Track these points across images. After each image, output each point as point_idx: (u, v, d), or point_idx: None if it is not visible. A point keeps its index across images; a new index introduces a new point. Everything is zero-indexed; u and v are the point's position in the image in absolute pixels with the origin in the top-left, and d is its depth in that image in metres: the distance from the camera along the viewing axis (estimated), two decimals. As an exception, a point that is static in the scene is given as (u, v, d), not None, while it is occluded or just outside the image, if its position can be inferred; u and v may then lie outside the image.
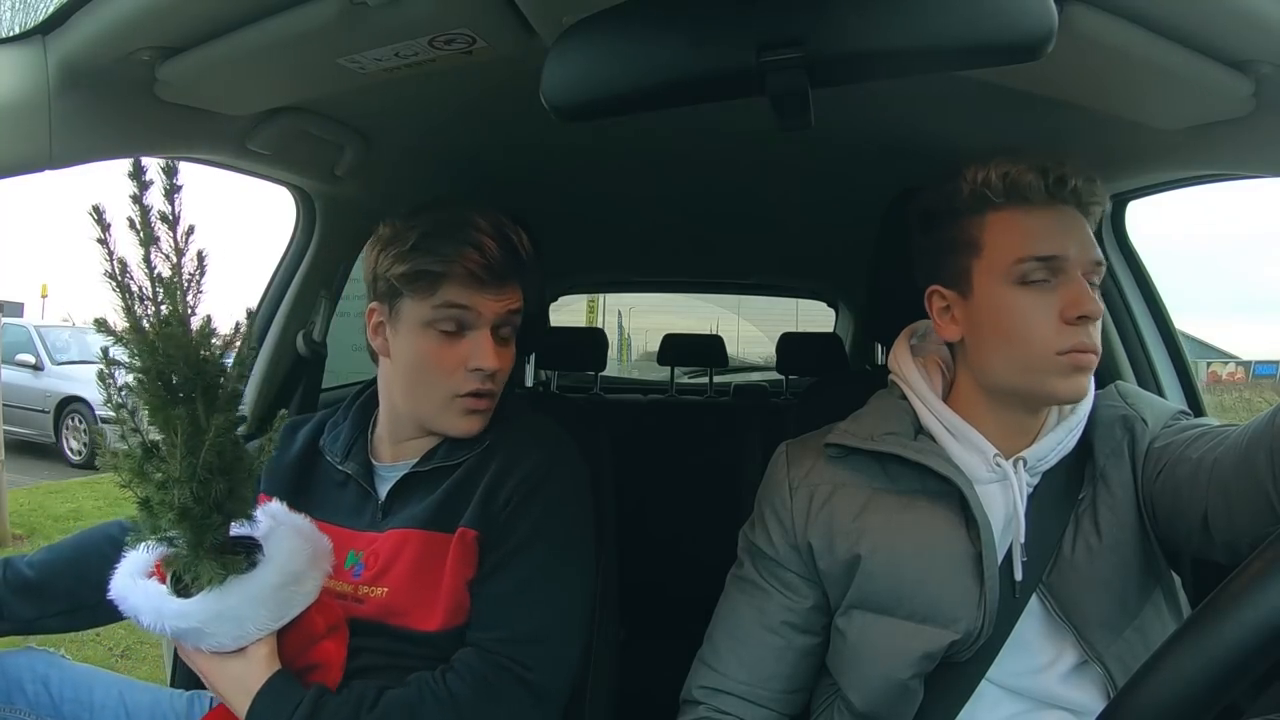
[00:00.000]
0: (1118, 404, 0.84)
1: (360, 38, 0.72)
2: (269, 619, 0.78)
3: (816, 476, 0.87)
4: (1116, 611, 0.77)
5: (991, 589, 0.77)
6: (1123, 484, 0.80)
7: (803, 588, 0.85)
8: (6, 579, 0.92)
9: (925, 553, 0.79)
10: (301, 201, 1.27)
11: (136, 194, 0.68)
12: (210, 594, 0.75)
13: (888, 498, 0.83)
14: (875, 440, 0.84)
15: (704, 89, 0.66)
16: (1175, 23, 0.66)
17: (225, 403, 0.72)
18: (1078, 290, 0.77)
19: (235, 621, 0.76)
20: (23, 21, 0.68)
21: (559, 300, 2.80)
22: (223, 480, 0.72)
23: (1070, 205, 0.79)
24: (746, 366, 3.89)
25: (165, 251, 0.69)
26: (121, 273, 0.69)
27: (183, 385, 0.70)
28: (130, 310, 0.69)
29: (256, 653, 0.78)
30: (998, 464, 0.81)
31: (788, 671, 0.85)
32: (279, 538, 0.81)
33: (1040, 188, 0.78)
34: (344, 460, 0.97)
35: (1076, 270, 0.77)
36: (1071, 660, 0.78)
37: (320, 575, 0.82)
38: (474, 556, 0.88)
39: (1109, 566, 0.78)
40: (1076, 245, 0.78)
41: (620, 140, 1.21)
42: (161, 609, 0.76)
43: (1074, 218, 0.79)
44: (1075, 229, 0.79)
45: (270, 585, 0.77)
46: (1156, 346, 1.25)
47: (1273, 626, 0.44)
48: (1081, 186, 0.78)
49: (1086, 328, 0.77)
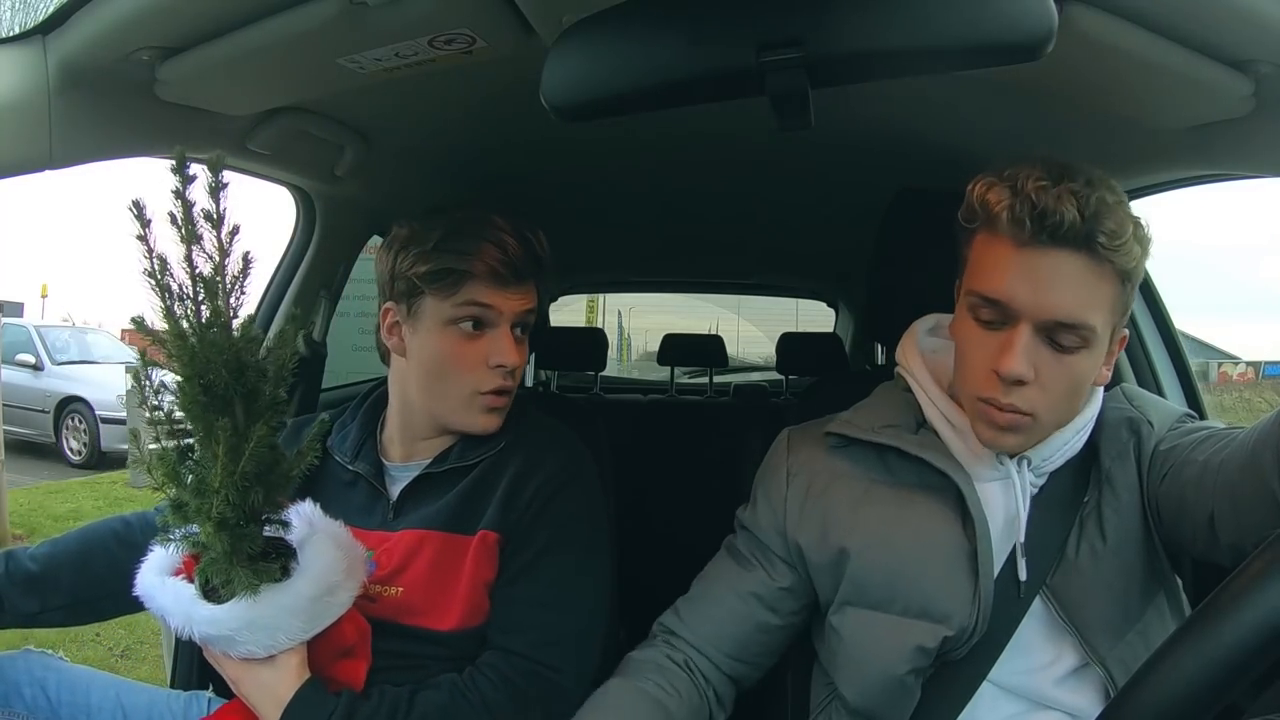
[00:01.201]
0: (1123, 406, 0.83)
1: (360, 38, 0.72)
2: (301, 629, 0.76)
3: (816, 465, 0.87)
4: (1119, 614, 0.76)
5: (986, 586, 0.76)
6: (1128, 486, 0.79)
7: (780, 568, 0.86)
8: (9, 572, 0.92)
9: (920, 547, 0.79)
10: (301, 201, 1.27)
11: (179, 189, 0.65)
12: (242, 602, 0.72)
13: (885, 490, 0.83)
14: (875, 432, 0.84)
15: (704, 89, 0.66)
16: (1175, 23, 0.66)
17: (267, 410, 0.70)
18: (1006, 345, 0.71)
19: (267, 631, 0.74)
20: (23, 21, 0.68)
21: (559, 300, 2.80)
22: (260, 488, 0.70)
23: (1063, 248, 0.69)
24: (746, 366, 3.89)
25: (208, 251, 0.66)
26: (161, 271, 0.66)
27: (224, 391, 0.67)
28: (170, 311, 0.67)
29: (287, 662, 0.77)
30: (1001, 462, 0.80)
31: (740, 638, 0.86)
32: (316, 547, 0.78)
33: (1020, 222, 0.69)
34: (354, 460, 0.97)
35: (1025, 323, 0.71)
36: (1072, 662, 0.78)
37: (355, 585, 0.80)
38: (495, 559, 0.89)
39: (1113, 569, 0.77)
40: (1035, 294, 0.70)
41: (620, 140, 1.21)
42: (191, 614, 0.74)
43: (1058, 262, 0.69)
44: (1051, 277, 0.70)
45: (305, 596, 0.75)
46: (1156, 347, 1.25)
47: (1273, 626, 0.44)
48: (1083, 227, 0.68)
49: (1010, 389, 0.72)
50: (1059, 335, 0.71)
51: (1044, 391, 0.73)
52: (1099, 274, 0.70)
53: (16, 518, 4.72)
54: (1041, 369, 0.72)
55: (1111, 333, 0.75)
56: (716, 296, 4.65)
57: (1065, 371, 0.73)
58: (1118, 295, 0.72)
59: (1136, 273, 0.73)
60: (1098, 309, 0.71)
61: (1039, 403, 0.73)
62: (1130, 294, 0.74)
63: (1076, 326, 0.71)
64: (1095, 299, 0.71)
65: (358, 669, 0.83)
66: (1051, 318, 0.71)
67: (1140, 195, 1.17)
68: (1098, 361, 0.75)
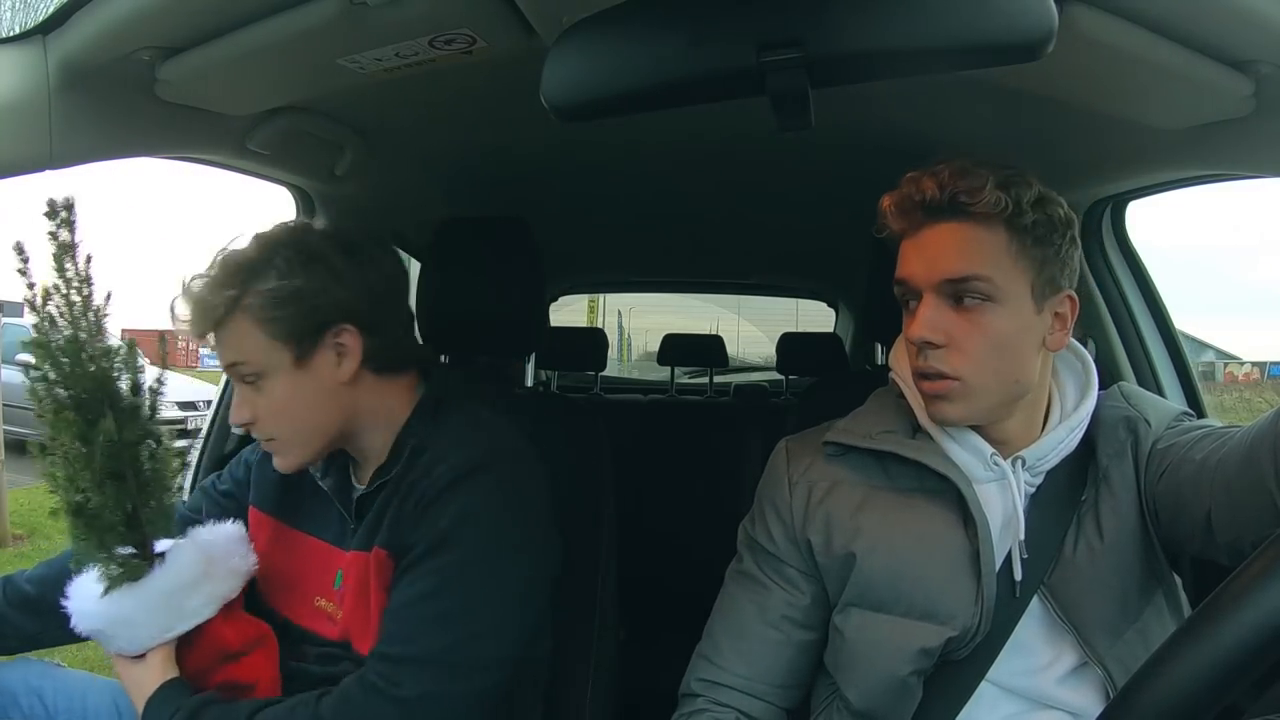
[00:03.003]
0: (1120, 405, 0.83)
1: (360, 38, 0.72)
2: (162, 627, 0.82)
3: (815, 473, 0.87)
4: (1118, 613, 0.76)
5: (989, 586, 0.77)
6: (1125, 485, 0.79)
7: (803, 583, 0.85)
8: (7, 596, 0.95)
9: (923, 549, 0.79)
10: (301, 201, 1.27)
11: (53, 231, 0.76)
12: (110, 597, 0.80)
13: (886, 495, 0.83)
14: (873, 438, 0.84)
15: (704, 89, 0.66)
16: (1175, 23, 0.66)
17: (124, 414, 0.78)
18: (916, 316, 0.77)
19: (129, 625, 0.82)
20: (23, 21, 0.67)
21: (559, 300, 2.80)
22: (116, 486, 0.78)
23: (937, 220, 0.77)
24: (746, 366, 3.88)
25: (69, 277, 0.78)
26: (44, 299, 0.78)
27: (75, 395, 0.78)
28: (40, 327, 0.78)
29: (153, 659, 0.83)
30: (995, 463, 0.80)
31: (786, 666, 0.85)
32: (178, 549, 0.85)
33: (900, 214, 0.78)
34: (323, 476, 0.95)
35: (926, 292, 0.77)
36: (1071, 662, 0.78)
37: (216, 590, 0.85)
38: (388, 575, 0.85)
39: (1110, 568, 0.77)
40: (925, 264, 0.77)
41: (620, 140, 1.21)
42: (81, 609, 0.82)
43: (944, 233, 0.76)
44: (933, 246, 0.77)
45: (159, 592, 0.81)
46: (1156, 346, 1.25)
47: (1273, 626, 0.44)
48: (942, 195, 0.75)
49: (927, 353, 0.76)
50: (958, 292, 0.75)
51: (962, 353, 0.76)
52: (978, 230, 0.75)
53: (17, 518, 4.72)
54: (953, 330, 0.76)
55: (1032, 289, 0.76)
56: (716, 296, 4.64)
57: (977, 329, 0.75)
58: (1007, 244, 0.75)
59: (1022, 220, 0.75)
60: (984, 260, 0.75)
61: (960, 365, 0.76)
62: (1034, 245, 0.76)
63: (966, 279, 0.75)
64: (980, 252, 0.75)
65: (252, 673, 0.86)
66: (941, 277, 0.76)
67: (1140, 195, 1.18)
68: (1018, 318, 0.76)
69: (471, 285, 1.21)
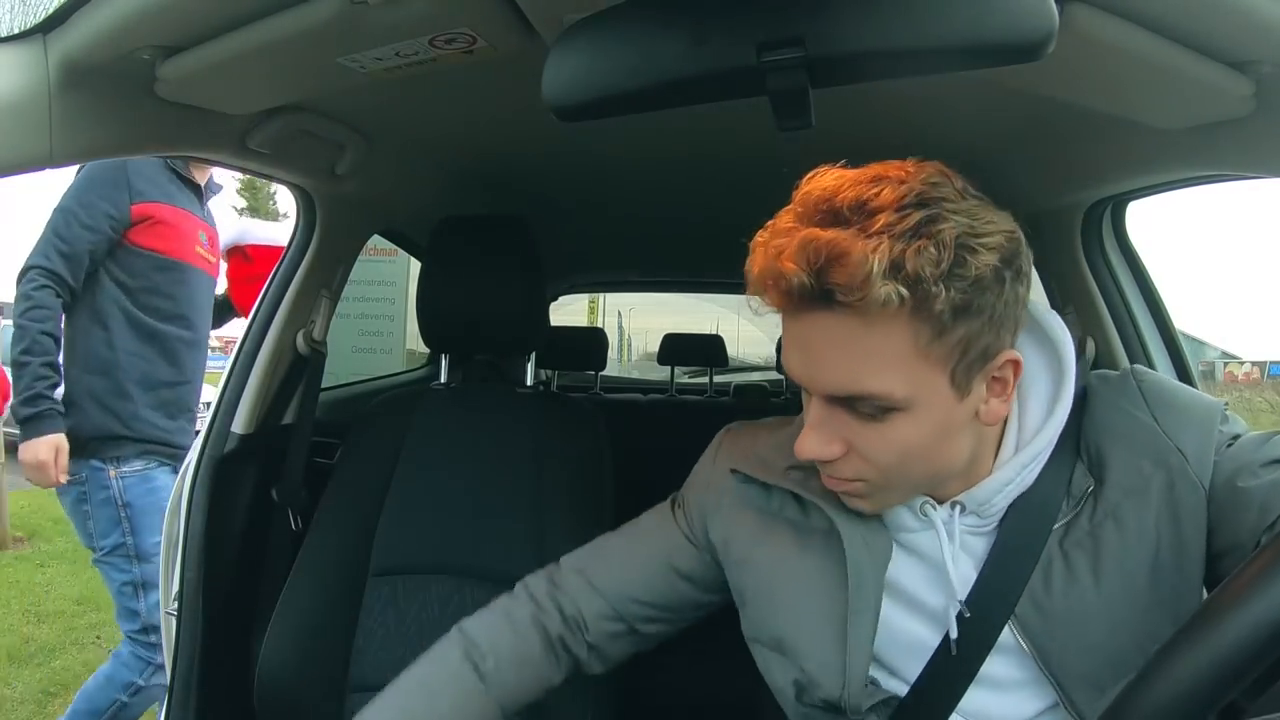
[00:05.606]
0: (1140, 413, 0.67)
1: (360, 37, 0.72)
2: None
3: (727, 486, 0.80)
4: (1107, 673, 0.63)
5: (856, 655, 0.67)
6: (1143, 533, 0.64)
7: (701, 548, 0.82)
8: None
9: (798, 604, 0.72)
10: (302, 201, 1.27)
11: None
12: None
13: (784, 533, 0.75)
14: (782, 475, 0.75)
15: (705, 89, 0.66)
16: (1175, 23, 0.66)
17: None
18: (805, 426, 0.62)
19: None
20: (23, 21, 0.67)
21: (559, 300, 2.80)
22: None
23: (814, 310, 0.56)
24: (747, 366, 3.89)
25: None
26: None
27: None
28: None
29: None
30: (924, 513, 0.68)
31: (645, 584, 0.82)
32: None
33: (763, 291, 0.58)
34: None
35: (814, 396, 0.61)
36: (1049, 700, 0.67)
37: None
38: None
39: (1105, 627, 0.64)
40: (804, 368, 0.60)
41: (621, 140, 1.21)
42: None
43: (816, 326, 0.57)
44: (813, 348, 0.58)
45: None
46: (1156, 346, 1.25)
47: (1273, 626, 0.44)
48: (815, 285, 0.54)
49: (822, 463, 0.64)
50: (854, 404, 0.59)
51: (867, 461, 0.62)
52: (869, 332, 0.55)
53: (17, 519, 4.72)
54: (854, 439, 0.61)
55: (952, 378, 0.58)
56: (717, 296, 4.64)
57: (883, 440, 0.60)
58: (913, 342, 0.56)
59: (931, 307, 0.54)
60: (880, 372, 0.57)
61: (869, 472, 0.62)
62: (955, 323, 0.56)
63: (861, 397, 0.58)
64: (872, 362, 0.56)
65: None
66: (824, 392, 0.60)
67: (1140, 195, 1.17)
68: (934, 416, 0.59)
69: (472, 284, 1.21)
